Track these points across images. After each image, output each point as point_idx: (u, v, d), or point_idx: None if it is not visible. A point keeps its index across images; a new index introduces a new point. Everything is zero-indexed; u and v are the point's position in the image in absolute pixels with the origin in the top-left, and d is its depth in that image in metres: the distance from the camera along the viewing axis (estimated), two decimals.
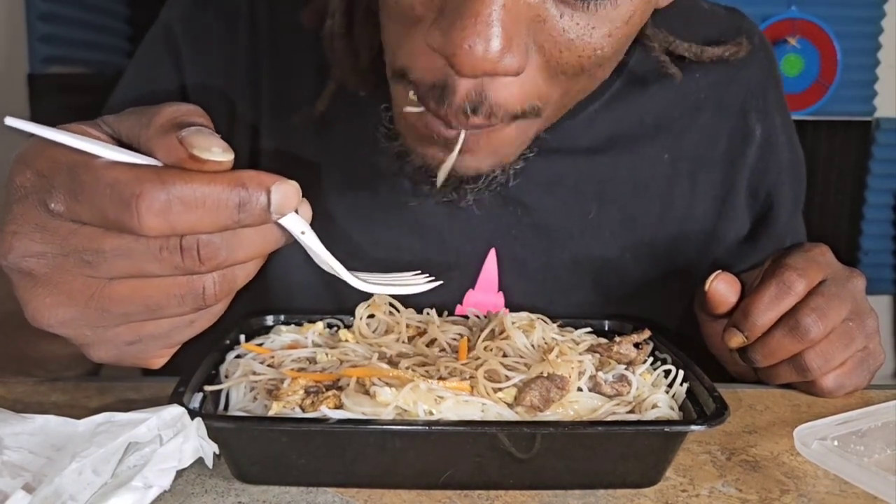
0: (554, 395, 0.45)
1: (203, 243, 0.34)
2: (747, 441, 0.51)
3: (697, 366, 0.51)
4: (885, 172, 2.00)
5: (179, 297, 0.36)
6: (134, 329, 0.37)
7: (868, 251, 2.04)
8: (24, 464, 0.40)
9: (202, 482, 0.44)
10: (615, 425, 0.44)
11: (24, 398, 0.55)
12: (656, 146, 0.67)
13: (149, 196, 0.32)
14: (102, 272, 0.35)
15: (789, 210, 0.70)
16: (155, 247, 0.34)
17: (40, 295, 0.36)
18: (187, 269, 0.34)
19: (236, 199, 0.34)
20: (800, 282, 0.55)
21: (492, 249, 0.65)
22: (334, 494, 0.43)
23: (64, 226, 0.34)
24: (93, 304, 0.35)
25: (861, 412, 0.50)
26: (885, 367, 0.55)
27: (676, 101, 0.67)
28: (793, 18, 1.90)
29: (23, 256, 0.35)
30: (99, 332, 0.37)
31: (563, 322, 0.59)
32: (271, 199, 0.34)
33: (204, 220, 0.33)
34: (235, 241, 0.35)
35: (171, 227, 0.33)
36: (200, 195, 0.33)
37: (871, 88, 1.96)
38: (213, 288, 0.36)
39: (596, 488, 0.44)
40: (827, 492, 0.45)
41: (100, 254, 0.34)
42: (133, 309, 0.36)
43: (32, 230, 0.35)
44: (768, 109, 0.69)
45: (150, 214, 0.32)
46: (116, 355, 0.39)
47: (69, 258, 0.35)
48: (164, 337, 0.38)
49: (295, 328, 0.57)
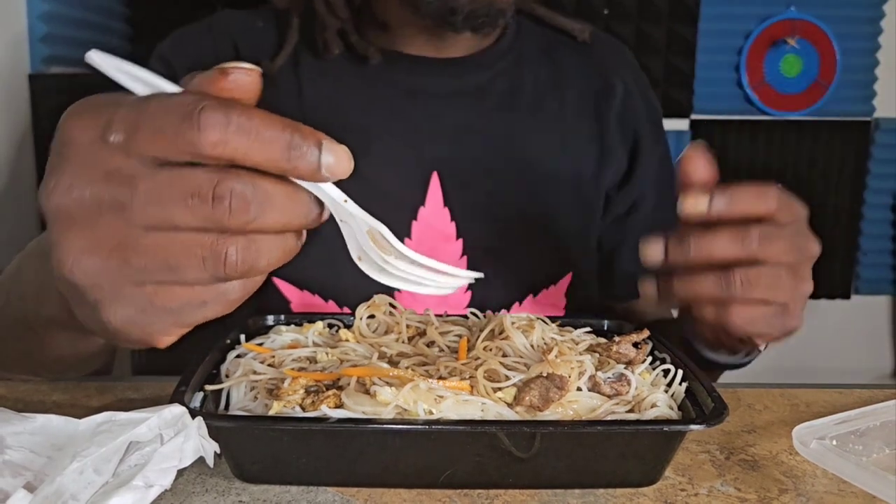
0: (553, 395, 0.45)
1: (236, 193, 0.35)
2: (746, 440, 0.51)
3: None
4: (884, 173, 2.00)
5: (200, 258, 0.36)
6: (148, 293, 0.37)
7: (867, 251, 2.04)
8: (26, 463, 0.40)
9: (203, 481, 0.44)
10: (614, 425, 0.44)
11: (25, 397, 0.55)
12: (548, 98, 0.82)
13: (210, 110, 0.33)
14: (134, 218, 0.35)
15: (651, 146, 0.87)
16: (188, 190, 0.34)
17: (71, 238, 0.36)
18: (215, 219, 0.35)
19: (289, 138, 0.35)
20: (775, 198, 0.54)
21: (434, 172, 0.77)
22: (334, 493, 0.43)
23: (113, 159, 0.35)
24: (116, 254, 0.36)
25: (860, 412, 0.50)
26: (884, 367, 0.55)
27: (554, 67, 0.85)
28: (792, 19, 1.90)
29: (65, 195, 0.36)
30: (115, 289, 0.37)
31: (562, 322, 0.59)
32: (322, 157, 0.36)
33: (255, 148, 0.34)
34: (267, 201, 0.35)
35: (226, 144, 0.34)
36: (257, 123, 0.34)
37: (870, 89, 1.96)
38: (235, 255, 0.36)
39: (595, 487, 0.44)
40: (825, 491, 0.45)
41: (135, 193, 0.35)
42: (153, 264, 0.36)
43: (79, 170, 0.36)
44: (625, 76, 0.87)
45: (209, 127, 0.33)
46: (127, 319, 0.38)
47: (105, 200, 0.35)
48: (175, 312, 0.38)
49: (295, 328, 0.57)
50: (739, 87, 1.92)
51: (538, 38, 0.86)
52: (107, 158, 0.35)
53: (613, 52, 0.90)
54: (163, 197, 0.35)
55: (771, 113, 1.94)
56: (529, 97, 0.82)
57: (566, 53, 0.86)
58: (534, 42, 0.86)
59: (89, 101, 0.37)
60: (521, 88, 0.82)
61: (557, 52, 0.86)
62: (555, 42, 0.87)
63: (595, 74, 0.86)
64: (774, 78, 1.92)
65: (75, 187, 0.36)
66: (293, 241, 0.39)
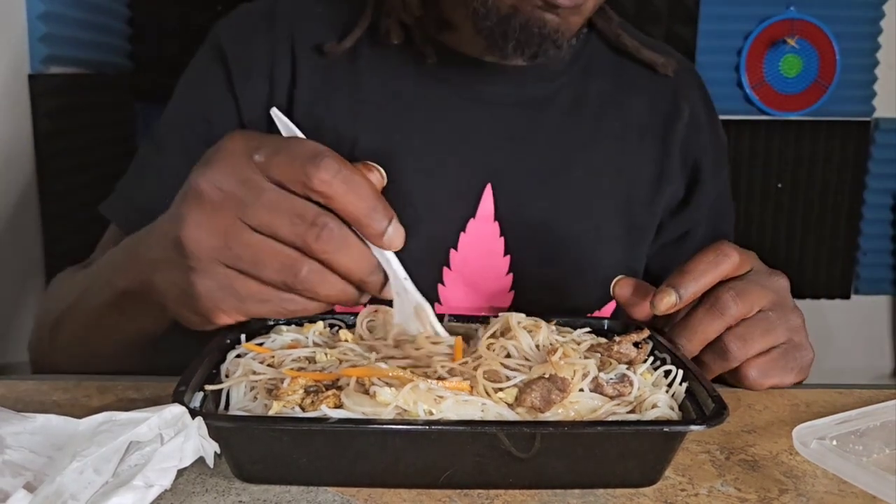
0: (555, 397, 0.45)
1: (329, 228, 0.45)
2: (746, 440, 0.51)
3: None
4: (883, 173, 2.00)
5: (280, 264, 0.46)
6: (231, 276, 0.47)
7: (867, 251, 2.05)
8: (26, 463, 0.40)
9: (203, 481, 0.44)
10: (614, 425, 0.44)
11: (25, 397, 0.55)
12: (611, 116, 0.80)
13: (330, 158, 0.45)
14: (248, 217, 0.45)
15: (712, 177, 0.84)
16: (296, 211, 0.45)
17: (197, 212, 0.47)
18: (305, 241, 0.45)
19: (374, 203, 0.46)
20: (735, 253, 0.58)
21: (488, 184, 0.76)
22: (335, 494, 0.43)
23: (253, 175, 0.46)
24: (224, 238, 0.46)
25: (860, 412, 0.50)
26: (884, 367, 0.56)
27: (621, 83, 0.82)
28: (791, 19, 1.90)
29: (208, 181, 0.46)
30: (210, 262, 0.47)
31: (562, 322, 0.58)
32: (389, 228, 0.46)
33: (349, 199, 0.45)
34: (346, 244, 0.46)
35: (330, 185, 0.44)
36: (358, 181, 0.46)
37: (869, 89, 1.96)
38: (305, 273, 0.46)
39: (595, 488, 0.44)
40: (826, 491, 0.45)
41: (258, 199, 0.45)
42: (246, 256, 0.46)
43: (229, 170, 0.46)
44: (694, 100, 0.85)
45: (324, 169, 0.44)
46: (207, 289, 0.47)
47: (235, 198, 0.46)
48: (242, 299, 0.47)
49: (296, 328, 0.57)
50: (739, 87, 1.92)
51: (606, 53, 0.82)
52: (247, 170, 0.46)
53: (685, 75, 0.85)
54: (276, 209, 0.45)
55: (771, 113, 1.94)
56: (592, 113, 0.79)
57: (634, 71, 0.82)
58: (601, 56, 0.82)
59: (248, 132, 0.49)
60: (585, 103, 0.79)
61: (625, 68, 0.82)
62: (622, 58, 0.83)
63: (663, 96, 0.83)
64: (774, 78, 1.93)
65: (218, 179, 0.46)
66: (352, 292, 0.48)
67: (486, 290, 0.76)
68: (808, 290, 2.02)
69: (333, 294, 0.47)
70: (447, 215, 0.74)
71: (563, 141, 0.78)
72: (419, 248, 0.73)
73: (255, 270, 0.46)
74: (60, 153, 1.31)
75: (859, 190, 2.01)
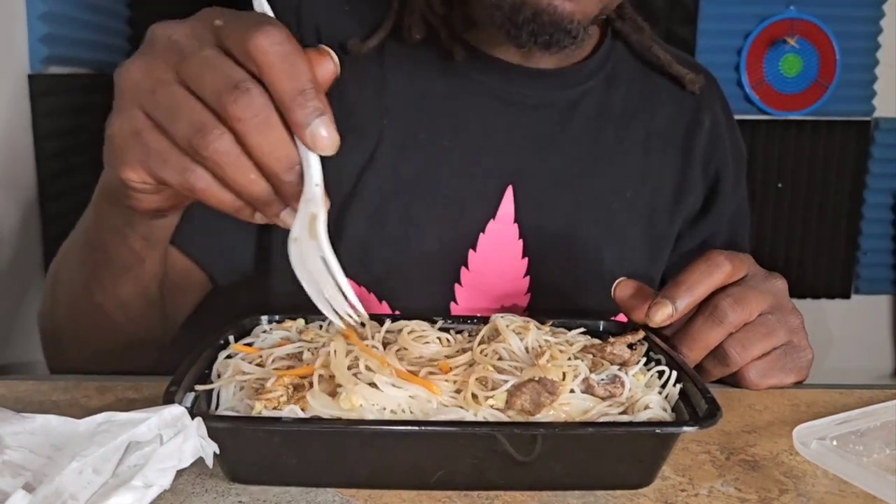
0: (544, 400, 0.45)
1: (250, 93, 0.40)
2: (746, 441, 0.51)
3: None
4: (883, 172, 2.00)
5: (190, 121, 0.42)
6: (143, 124, 0.44)
7: (867, 251, 2.04)
8: (25, 463, 0.40)
9: (202, 482, 0.44)
10: (606, 426, 0.44)
11: (24, 398, 0.55)
12: (635, 124, 0.80)
13: (274, 29, 0.41)
14: (182, 69, 0.43)
15: (732, 188, 0.85)
16: (225, 71, 0.41)
17: (140, 57, 0.45)
18: (221, 103, 0.41)
19: (307, 87, 0.40)
20: (726, 262, 0.58)
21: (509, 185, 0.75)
22: (334, 494, 0.43)
23: (205, 34, 0.43)
24: (151, 83, 0.44)
25: (860, 412, 0.50)
26: (884, 367, 0.56)
27: (646, 93, 0.82)
28: (791, 18, 1.90)
29: (167, 30, 0.44)
30: (129, 108, 0.45)
31: (557, 323, 0.58)
32: (315, 121, 0.40)
33: (281, 73, 0.40)
34: (266, 123, 0.41)
35: (265, 54, 0.40)
36: (297, 61, 0.41)
37: (869, 88, 1.96)
38: (215, 141, 0.41)
39: (586, 489, 0.44)
40: (826, 491, 0.45)
41: (196, 53, 0.42)
42: (164, 103, 0.43)
43: (187, 25, 0.44)
44: (715, 110, 0.86)
45: (264, 35, 0.40)
46: (119, 131, 0.45)
47: (179, 49, 0.43)
48: (147, 152, 0.44)
49: (282, 326, 0.57)
50: (739, 87, 1.92)
51: (632, 62, 0.83)
52: (202, 29, 0.43)
53: (707, 86, 0.85)
54: (207, 65, 0.42)
55: (771, 113, 1.94)
56: (616, 120, 0.80)
57: (658, 82, 0.83)
58: (627, 65, 0.83)
59: (216, 8, 0.46)
60: (610, 110, 0.80)
61: (650, 77, 0.83)
62: (648, 68, 0.83)
63: (686, 107, 0.83)
64: (774, 78, 1.93)
65: (173, 30, 0.44)
66: (263, 187, 0.43)
67: (503, 292, 0.76)
68: (808, 290, 2.02)
69: (241, 181, 0.42)
70: (468, 216, 0.75)
71: (587, 147, 0.78)
72: (438, 248, 0.74)
73: (167, 123, 0.43)
74: (60, 153, 1.31)
75: (859, 190, 2.01)
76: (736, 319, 0.58)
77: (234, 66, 0.42)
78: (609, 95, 0.80)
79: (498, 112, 0.76)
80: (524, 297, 0.76)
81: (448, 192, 0.74)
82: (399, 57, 0.76)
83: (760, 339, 0.59)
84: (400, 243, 0.73)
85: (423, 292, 0.74)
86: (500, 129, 0.76)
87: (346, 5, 0.78)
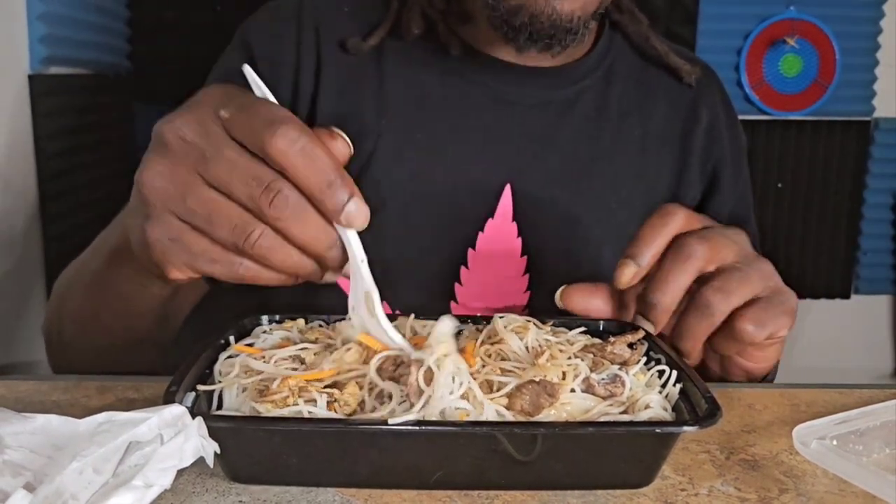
0: (544, 401, 0.45)
1: (283, 195, 0.43)
2: (746, 440, 0.51)
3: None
4: (883, 172, 2.00)
5: (232, 224, 0.45)
6: (182, 230, 0.46)
7: (867, 251, 2.05)
8: (25, 463, 0.40)
9: (203, 481, 0.44)
10: (606, 426, 0.44)
11: (25, 397, 0.55)
12: (632, 122, 0.80)
13: (289, 127, 0.43)
14: (207, 171, 0.45)
15: (730, 184, 0.84)
16: (252, 173, 0.44)
17: (156, 159, 0.46)
18: (258, 205, 0.44)
19: (332, 177, 0.44)
20: (678, 210, 0.58)
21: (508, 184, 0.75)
22: (335, 494, 0.43)
23: (217, 130, 0.45)
24: (180, 189, 0.45)
25: (860, 412, 0.50)
26: (884, 367, 0.56)
27: (643, 89, 0.82)
28: (791, 19, 1.90)
29: (175, 129, 0.46)
30: (164, 212, 0.46)
31: (557, 322, 0.58)
32: (348, 205, 0.44)
33: (306, 170, 0.43)
34: (302, 214, 0.44)
35: (286, 155, 0.43)
36: (317, 154, 0.44)
37: (869, 88, 1.96)
38: (257, 237, 0.44)
39: (587, 489, 0.44)
40: (826, 491, 0.45)
41: (218, 155, 0.44)
42: (199, 211, 0.45)
43: (195, 122, 0.46)
44: (712, 104, 0.84)
45: (281, 137, 0.43)
46: (159, 238, 0.47)
47: (197, 151, 0.45)
48: (192, 255, 0.47)
49: (282, 326, 0.57)
50: (739, 87, 1.92)
51: (630, 57, 0.83)
52: (212, 123, 0.45)
53: (706, 81, 0.85)
54: (234, 168, 0.44)
55: (771, 113, 1.94)
56: (615, 118, 0.80)
57: (656, 77, 0.83)
58: (626, 60, 0.82)
59: (226, 87, 0.48)
60: (607, 107, 0.80)
61: (648, 73, 0.83)
62: (646, 62, 0.83)
63: (683, 102, 0.83)
64: (774, 78, 1.93)
65: (183, 129, 0.45)
66: (309, 265, 0.47)
67: (503, 290, 0.76)
68: (808, 290, 2.02)
69: (289, 265, 0.46)
70: (467, 214, 0.75)
71: (585, 145, 0.78)
72: (438, 247, 0.74)
73: (206, 227, 0.45)
74: (60, 153, 1.31)
75: (859, 190, 2.01)
76: (726, 305, 0.56)
77: (258, 165, 0.44)
78: (607, 93, 0.80)
79: (496, 111, 0.76)
80: (524, 296, 0.76)
81: (447, 192, 0.75)
82: (398, 57, 0.76)
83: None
84: (399, 243, 0.74)
85: (423, 292, 0.74)
86: (499, 128, 0.76)
87: (345, 5, 0.78)
